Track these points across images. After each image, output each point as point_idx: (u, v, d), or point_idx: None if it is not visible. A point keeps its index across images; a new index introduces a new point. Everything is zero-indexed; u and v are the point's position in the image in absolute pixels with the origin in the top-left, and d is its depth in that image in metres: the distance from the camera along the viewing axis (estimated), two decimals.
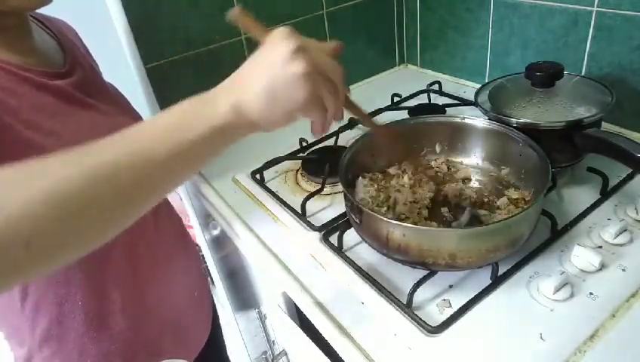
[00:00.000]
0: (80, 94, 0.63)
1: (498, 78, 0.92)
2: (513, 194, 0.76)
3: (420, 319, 0.61)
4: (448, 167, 0.86)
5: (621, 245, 0.68)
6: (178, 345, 0.79)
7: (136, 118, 0.75)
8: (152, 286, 0.72)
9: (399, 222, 0.63)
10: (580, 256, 0.65)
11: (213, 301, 0.97)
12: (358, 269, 0.70)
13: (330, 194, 0.90)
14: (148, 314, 0.72)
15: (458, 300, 0.64)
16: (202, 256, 1.22)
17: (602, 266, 0.65)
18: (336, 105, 0.46)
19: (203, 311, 0.88)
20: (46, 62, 0.62)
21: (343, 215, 0.81)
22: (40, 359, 0.66)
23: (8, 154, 0.48)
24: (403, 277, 0.68)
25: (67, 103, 0.60)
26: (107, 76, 0.77)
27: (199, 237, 1.18)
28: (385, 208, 0.76)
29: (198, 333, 0.86)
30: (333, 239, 0.76)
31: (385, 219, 0.63)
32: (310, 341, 0.75)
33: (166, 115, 0.42)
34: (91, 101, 0.64)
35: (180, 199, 1.15)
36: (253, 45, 1.18)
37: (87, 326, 0.65)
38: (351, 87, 1.35)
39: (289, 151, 1.02)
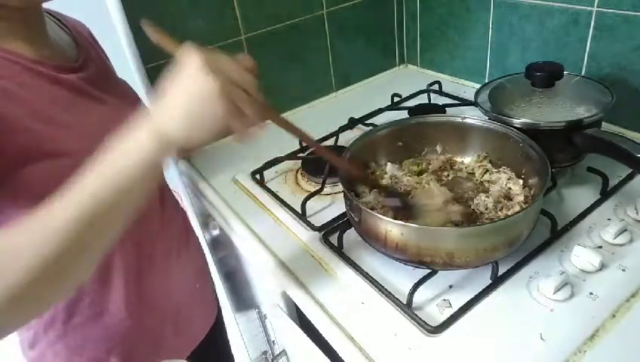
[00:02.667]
0: (91, 88, 0.64)
1: (498, 78, 0.92)
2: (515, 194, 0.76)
3: (420, 319, 0.61)
4: (449, 166, 0.86)
5: (621, 245, 0.68)
6: (178, 336, 0.80)
7: (141, 104, 0.77)
8: (154, 276, 0.73)
9: (398, 221, 0.63)
10: (580, 256, 0.65)
11: (216, 294, 0.97)
12: (358, 269, 0.70)
13: (330, 194, 0.90)
14: (149, 302, 0.73)
15: (458, 300, 0.64)
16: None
17: (602, 266, 0.65)
18: (254, 111, 0.48)
19: (205, 303, 0.89)
20: (60, 56, 0.63)
21: (343, 215, 0.81)
22: (45, 342, 0.67)
23: (20, 145, 0.52)
24: (403, 277, 0.68)
25: (79, 97, 0.61)
26: None
27: (199, 237, 1.18)
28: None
29: (199, 325, 0.86)
30: (333, 239, 0.76)
31: (384, 218, 0.63)
32: (310, 341, 0.75)
33: (101, 163, 0.45)
34: (102, 95, 0.65)
35: (181, 199, 1.15)
36: (252, 45, 1.19)
37: (92, 311, 0.67)
38: (351, 87, 1.36)
39: (289, 151, 1.02)
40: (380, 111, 1.15)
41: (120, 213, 0.47)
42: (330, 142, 1.05)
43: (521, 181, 0.77)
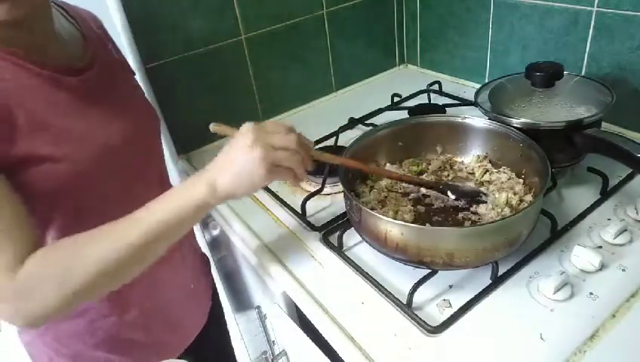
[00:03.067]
0: (94, 91, 0.64)
1: (498, 78, 0.93)
2: (514, 194, 0.76)
3: (420, 319, 0.61)
4: (449, 166, 0.86)
5: (621, 245, 0.68)
6: (169, 334, 0.80)
7: (148, 111, 0.76)
8: (143, 275, 0.72)
9: (398, 221, 0.63)
10: (580, 256, 0.65)
11: (213, 294, 0.97)
12: (358, 269, 0.70)
13: (330, 194, 0.90)
14: (136, 299, 0.73)
15: (458, 300, 0.64)
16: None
17: (602, 266, 0.65)
18: (298, 163, 0.60)
19: (198, 304, 0.89)
20: (66, 56, 0.63)
21: (343, 215, 0.81)
22: (35, 331, 0.69)
23: (19, 151, 0.53)
24: (403, 277, 0.68)
25: (80, 101, 0.61)
26: None
27: (199, 237, 1.18)
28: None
29: (191, 325, 0.87)
30: (333, 239, 0.76)
31: (383, 218, 0.63)
32: (310, 341, 0.75)
33: (166, 200, 0.57)
34: (105, 97, 0.65)
35: None
36: (252, 45, 1.19)
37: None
38: (351, 87, 1.36)
39: None
40: (380, 111, 1.15)
41: (175, 236, 0.58)
42: (330, 142, 1.05)
43: (521, 181, 0.77)
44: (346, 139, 1.02)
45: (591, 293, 0.62)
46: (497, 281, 0.65)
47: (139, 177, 0.70)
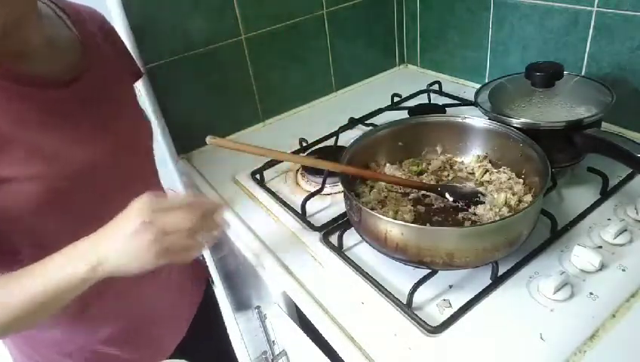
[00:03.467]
0: (80, 104, 0.61)
1: (498, 78, 0.92)
2: (512, 194, 0.76)
3: (420, 319, 0.61)
4: (449, 166, 0.86)
5: (621, 245, 0.68)
6: (144, 348, 0.79)
7: (138, 125, 0.74)
8: (121, 293, 0.71)
9: (398, 221, 0.63)
10: (580, 256, 0.65)
11: (212, 292, 0.96)
12: (358, 269, 0.70)
13: (330, 194, 0.90)
14: (112, 316, 0.72)
15: (458, 300, 0.64)
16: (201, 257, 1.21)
17: (602, 266, 0.65)
18: (191, 248, 0.56)
19: (179, 317, 0.87)
20: (60, 64, 0.60)
21: (343, 215, 0.81)
22: (12, 341, 0.71)
23: None
24: (403, 277, 0.68)
25: (56, 116, 0.58)
26: None
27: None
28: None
29: (170, 339, 0.85)
30: (333, 239, 0.76)
31: (383, 218, 0.63)
32: (310, 341, 0.75)
33: (50, 270, 0.54)
34: (91, 111, 0.62)
35: None
36: (252, 45, 1.18)
37: None
38: (351, 87, 1.36)
39: (289, 152, 1.02)
40: (380, 111, 1.15)
41: (60, 303, 0.55)
42: (330, 142, 1.05)
43: (521, 181, 0.77)
44: (346, 139, 1.02)
45: (591, 293, 0.62)
46: (497, 281, 0.65)
47: (123, 196, 0.67)
